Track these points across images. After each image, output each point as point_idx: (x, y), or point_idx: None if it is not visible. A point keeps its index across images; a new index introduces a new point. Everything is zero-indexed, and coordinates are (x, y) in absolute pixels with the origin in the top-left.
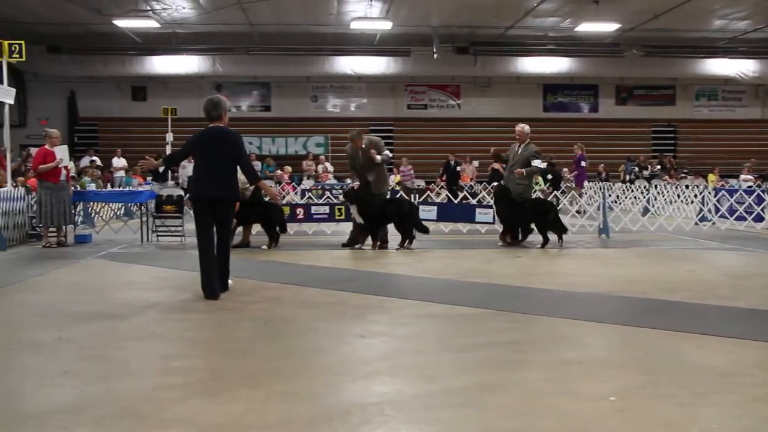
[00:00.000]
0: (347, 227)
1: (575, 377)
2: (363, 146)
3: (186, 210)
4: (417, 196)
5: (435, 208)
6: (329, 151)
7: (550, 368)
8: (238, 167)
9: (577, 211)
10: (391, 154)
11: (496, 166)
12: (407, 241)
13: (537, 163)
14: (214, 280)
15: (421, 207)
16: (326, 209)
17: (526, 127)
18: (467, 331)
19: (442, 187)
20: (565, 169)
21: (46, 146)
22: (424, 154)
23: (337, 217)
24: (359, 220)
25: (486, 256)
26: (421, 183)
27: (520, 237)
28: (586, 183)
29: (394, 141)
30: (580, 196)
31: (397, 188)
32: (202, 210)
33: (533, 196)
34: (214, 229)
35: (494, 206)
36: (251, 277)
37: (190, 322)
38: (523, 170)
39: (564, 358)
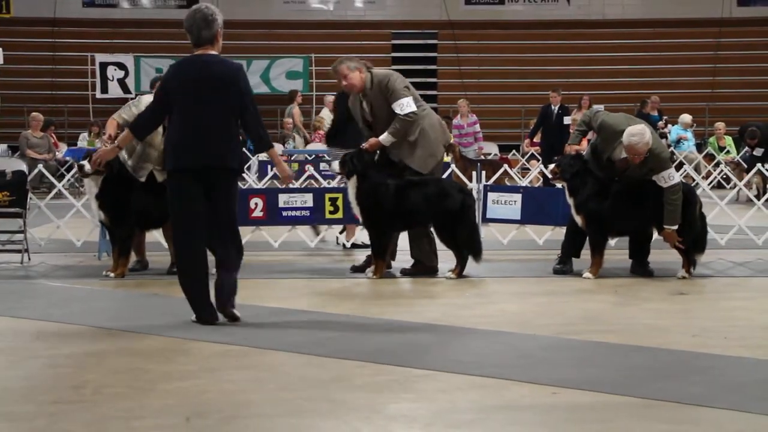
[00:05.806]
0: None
1: None
2: (367, 88)
3: (32, 200)
4: (484, 173)
5: (518, 198)
6: (313, 88)
7: None
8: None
9: (756, 196)
10: (419, 107)
11: None
12: (463, 262)
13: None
14: (207, 296)
15: (491, 196)
16: (307, 200)
17: (645, 138)
18: None
19: (532, 155)
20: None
21: None
22: (499, 94)
23: (328, 216)
24: (358, 215)
25: (619, 292)
26: (492, 150)
27: (636, 257)
28: None
29: (441, 69)
30: None
31: (447, 159)
32: (187, 186)
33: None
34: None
35: (573, 195)
36: (164, 333)
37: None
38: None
39: None
